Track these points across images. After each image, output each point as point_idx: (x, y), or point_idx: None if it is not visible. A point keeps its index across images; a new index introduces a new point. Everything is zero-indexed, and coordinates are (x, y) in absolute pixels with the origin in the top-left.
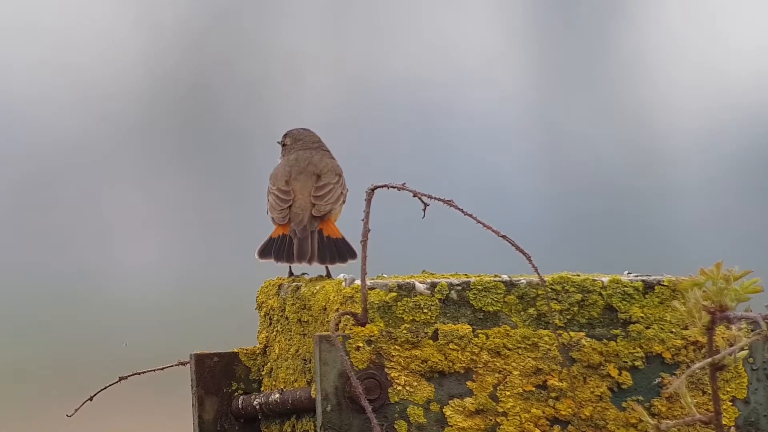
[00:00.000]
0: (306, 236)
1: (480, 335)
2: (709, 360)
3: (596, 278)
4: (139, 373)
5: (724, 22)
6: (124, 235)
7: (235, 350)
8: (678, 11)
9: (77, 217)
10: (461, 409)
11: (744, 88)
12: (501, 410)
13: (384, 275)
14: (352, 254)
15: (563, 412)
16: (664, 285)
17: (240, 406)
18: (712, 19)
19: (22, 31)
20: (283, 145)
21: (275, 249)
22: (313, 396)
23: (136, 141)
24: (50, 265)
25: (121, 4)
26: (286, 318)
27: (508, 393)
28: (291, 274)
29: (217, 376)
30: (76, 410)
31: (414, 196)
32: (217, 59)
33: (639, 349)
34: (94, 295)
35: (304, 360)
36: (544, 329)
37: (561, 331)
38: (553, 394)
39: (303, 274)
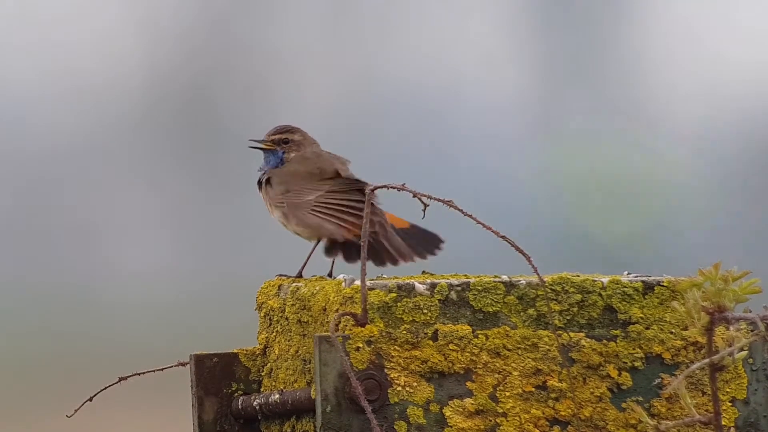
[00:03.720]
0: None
1: (480, 336)
2: (709, 360)
3: (596, 279)
4: (139, 374)
5: (726, 20)
6: (124, 235)
7: (235, 351)
8: (679, 9)
9: (77, 217)
10: (461, 409)
11: (746, 88)
12: (501, 411)
13: (384, 276)
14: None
15: (563, 413)
16: (663, 286)
17: (240, 407)
18: (713, 16)
19: (25, 35)
20: (288, 141)
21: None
22: (313, 397)
23: (137, 142)
24: (50, 265)
25: (122, 7)
26: (286, 318)
27: (507, 393)
28: (300, 275)
29: (217, 377)
30: (76, 410)
31: (414, 196)
32: (218, 61)
33: (639, 350)
34: (94, 295)
35: (304, 360)
36: (544, 330)
37: (561, 332)
38: (552, 395)
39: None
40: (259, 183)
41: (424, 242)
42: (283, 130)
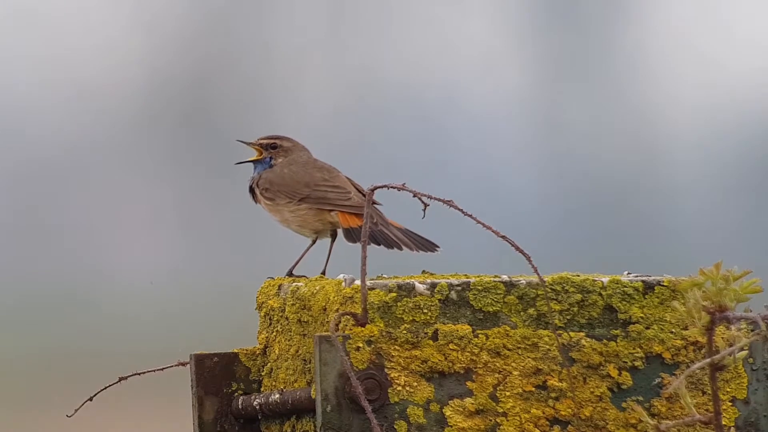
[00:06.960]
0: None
1: (480, 335)
2: (709, 360)
3: (596, 278)
4: (139, 374)
5: (728, 19)
6: (123, 235)
7: (235, 350)
8: (680, 7)
9: (77, 219)
10: (461, 409)
11: (747, 86)
12: (501, 410)
13: (384, 275)
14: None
15: (563, 413)
16: (663, 285)
17: (240, 407)
18: (715, 15)
19: (22, 32)
20: (276, 147)
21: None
22: (313, 396)
23: (134, 139)
24: (50, 265)
25: (121, 8)
26: (286, 318)
27: (508, 393)
28: (291, 274)
29: (217, 377)
30: (76, 410)
31: (414, 196)
32: (216, 57)
33: (639, 350)
34: (94, 296)
35: (304, 360)
36: (544, 329)
37: (561, 332)
38: (552, 395)
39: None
40: (250, 189)
41: (420, 240)
42: (274, 136)
